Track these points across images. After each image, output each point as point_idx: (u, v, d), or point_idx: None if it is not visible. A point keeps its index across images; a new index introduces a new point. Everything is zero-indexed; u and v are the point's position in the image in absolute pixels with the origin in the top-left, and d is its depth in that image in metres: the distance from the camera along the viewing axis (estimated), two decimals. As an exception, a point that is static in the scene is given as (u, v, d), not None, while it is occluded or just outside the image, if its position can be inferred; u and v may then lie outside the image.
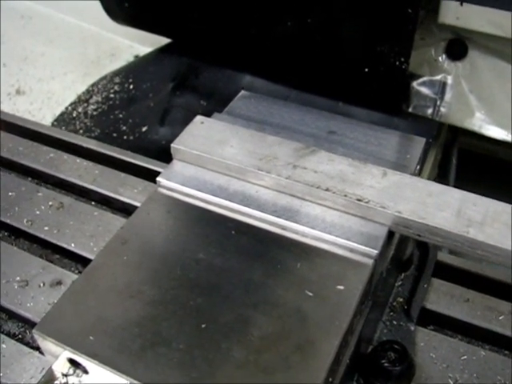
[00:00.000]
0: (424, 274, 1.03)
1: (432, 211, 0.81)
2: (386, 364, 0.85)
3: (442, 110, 1.60)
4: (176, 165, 0.93)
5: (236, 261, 0.79)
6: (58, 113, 1.91)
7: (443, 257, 1.08)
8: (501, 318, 0.98)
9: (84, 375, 0.74)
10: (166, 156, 0.98)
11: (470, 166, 1.87)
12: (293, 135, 0.95)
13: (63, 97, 2.15)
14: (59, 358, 0.73)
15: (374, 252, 0.79)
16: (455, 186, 1.66)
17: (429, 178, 1.60)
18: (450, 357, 0.94)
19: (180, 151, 0.92)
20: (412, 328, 0.96)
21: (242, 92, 1.07)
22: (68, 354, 0.72)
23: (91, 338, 0.71)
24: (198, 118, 0.96)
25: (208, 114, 1.01)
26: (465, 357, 0.94)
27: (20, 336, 0.98)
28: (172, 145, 0.93)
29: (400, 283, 1.04)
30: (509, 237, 0.77)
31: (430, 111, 1.61)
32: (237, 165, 0.88)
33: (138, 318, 0.73)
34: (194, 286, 0.76)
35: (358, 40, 1.47)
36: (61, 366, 0.74)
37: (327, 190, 0.83)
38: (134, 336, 0.71)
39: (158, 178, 0.90)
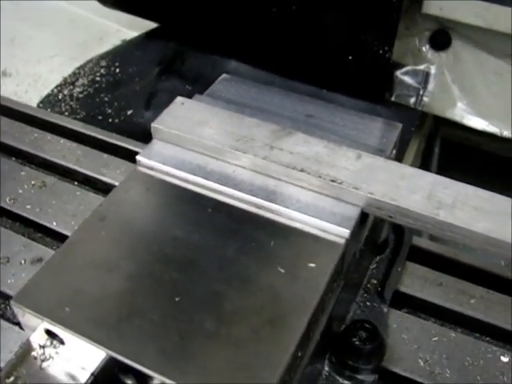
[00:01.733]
0: (398, 258, 1.05)
1: (404, 193, 0.82)
2: (356, 342, 0.87)
3: (425, 99, 1.61)
4: (156, 144, 0.94)
5: (211, 238, 0.81)
6: (44, 95, 1.91)
7: (418, 241, 1.10)
8: (472, 301, 1.01)
9: (61, 346, 0.76)
10: (150, 139, 0.99)
11: (452, 156, 1.89)
12: (271, 118, 0.97)
13: (50, 80, 2.15)
14: (37, 329, 0.75)
15: (346, 232, 0.81)
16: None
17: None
18: (422, 338, 0.96)
19: (160, 131, 0.94)
20: (385, 310, 0.98)
21: (224, 75, 1.08)
22: (45, 325, 0.73)
23: (68, 309, 0.73)
24: (179, 98, 0.98)
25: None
26: (436, 338, 0.96)
27: (1, 312, 1.00)
28: (152, 124, 0.94)
29: (375, 266, 1.06)
30: (477, 219, 0.79)
31: (412, 100, 1.62)
32: (215, 145, 0.89)
33: (115, 292, 0.75)
34: (169, 261, 0.78)
35: (342, 28, 1.49)
36: (38, 338, 0.75)
37: (302, 170, 0.85)
38: (110, 308, 0.73)
39: (137, 157, 0.92)
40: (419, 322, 0.99)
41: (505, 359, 0.93)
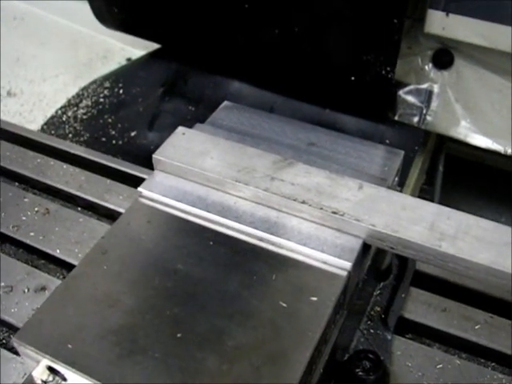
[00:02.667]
0: (402, 284, 1.05)
1: (405, 224, 0.82)
2: (360, 373, 0.87)
3: (428, 118, 1.61)
4: (157, 175, 0.94)
5: (213, 271, 0.81)
6: (49, 115, 1.92)
7: (422, 266, 1.09)
8: (477, 327, 1.00)
9: (63, 382, 0.75)
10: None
11: (457, 172, 1.89)
12: (273, 147, 0.97)
13: (54, 99, 2.16)
14: (39, 365, 0.75)
15: (348, 264, 0.81)
16: (442, 192, 1.68)
17: (416, 184, 1.62)
18: (426, 365, 0.95)
19: (161, 162, 0.94)
20: (389, 337, 0.98)
21: (225, 102, 1.09)
22: (47, 361, 0.73)
23: (70, 346, 0.73)
24: (180, 129, 0.98)
25: (196, 120, 1.03)
26: (440, 365, 0.95)
27: (4, 341, 0.99)
28: (153, 155, 0.94)
29: (378, 292, 1.05)
30: (479, 250, 0.79)
31: (416, 119, 1.62)
32: (216, 176, 0.90)
33: (116, 327, 0.75)
34: (171, 295, 0.78)
35: (344, 48, 1.49)
36: (40, 373, 0.75)
37: (303, 202, 0.85)
38: (112, 344, 0.73)
39: (139, 188, 0.92)
40: (423, 348, 0.98)
41: (511, 387, 0.93)
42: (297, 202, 0.85)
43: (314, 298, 0.77)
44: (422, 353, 0.97)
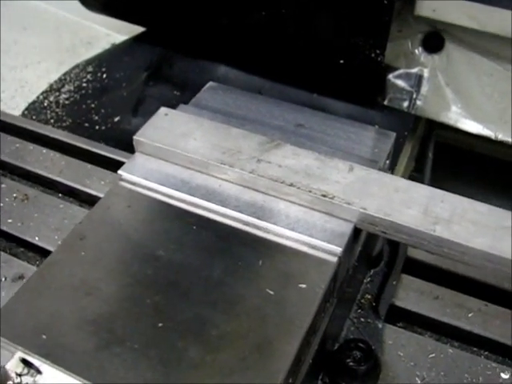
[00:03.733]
0: (393, 271, 1.02)
1: (398, 208, 0.79)
2: (351, 363, 0.84)
3: (418, 103, 1.58)
4: (138, 158, 0.90)
5: (196, 257, 0.77)
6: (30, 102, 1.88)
7: (413, 252, 1.06)
8: (470, 315, 0.97)
9: (38, 375, 0.72)
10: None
11: (446, 159, 1.86)
12: (259, 128, 0.93)
13: (37, 85, 2.11)
14: (13, 357, 0.71)
15: (338, 249, 0.77)
16: (431, 180, 1.66)
17: (405, 171, 1.59)
18: (418, 355, 0.92)
19: (142, 144, 0.90)
20: (380, 325, 0.95)
21: (210, 83, 1.05)
22: (20, 353, 0.69)
23: (44, 336, 0.69)
24: (162, 109, 0.94)
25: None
26: (433, 355, 0.92)
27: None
28: (134, 137, 0.90)
29: (369, 280, 1.02)
30: (475, 234, 0.76)
31: (405, 104, 1.59)
32: (200, 158, 0.86)
33: (94, 316, 0.71)
34: (151, 283, 0.74)
35: (333, 31, 1.45)
36: (14, 366, 0.72)
37: (291, 185, 0.81)
38: (89, 335, 0.69)
39: (119, 171, 0.88)
40: (415, 337, 0.95)
41: (505, 376, 0.90)
42: (284, 185, 0.82)
43: (303, 285, 0.74)
44: (414, 342, 0.94)
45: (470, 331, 0.96)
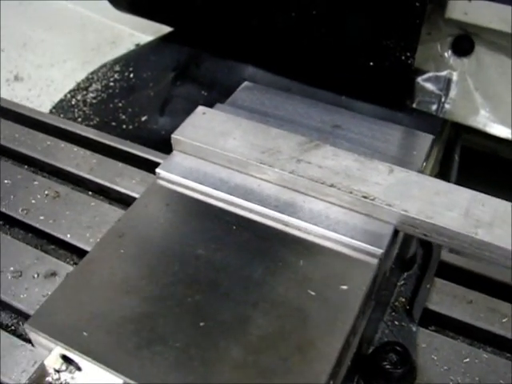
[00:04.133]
0: (427, 274, 1.01)
1: (440, 210, 0.78)
2: (387, 366, 0.83)
3: (447, 106, 1.58)
4: (176, 156, 0.90)
5: (236, 257, 0.77)
6: (56, 100, 1.88)
7: (447, 256, 1.05)
8: (504, 320, 0.96)
9: (77, 372, 0.72)
10: (164, 146, 0.96)
11: (471, 163, 1.85)
12: (297, 128, 0.93)
13: (62, 84, 2.12)
14: (52, 353, 0.71)
15: (379, 251, 0.76)
16: (456, 184, 1.65)
17: (430, 175, 1.58)
18: (452, 359, 0.91)
19: (181, 142, 0.90)
20: (414, 329, 0.94)
21: (246, 83, 1.04)
22: (60, 349, 0.69)
23: (85, 334, 0.69)
24: (200, 108, 0.94)
25: (209, 105, 0.99)
26: (467, 359, 0.91)
27: (13, 327, 0.96)
28: (172, 135, 0.90)
29: (402, 282, 1.01)
30: (517, 239, 0.75)
31: (434, 107, 1.59)
32: (239, 157, 0.85)
33: (134, 315, 0.71)
34: (192, 282, 0.74)
35: (364, 33, 1.45)
36: (53, 362, 0.71)
37: (332, 185, 0.81)
38: (130, 333, 0.69)
39: (157, 170, 0.88)
40: (448, 341, 0.94)
41: (539, 381, 0.89)
42: (325, 186, 0.81)
43: (344, 287, 0.73)
44: (447, 346, 0.93)
45: (504, 336, 0.95)
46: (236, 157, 0.86)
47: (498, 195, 0.83)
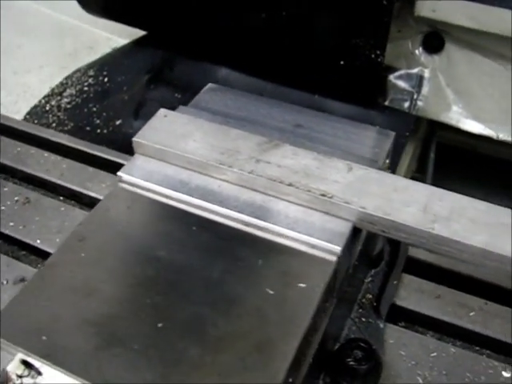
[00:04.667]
0: (394, 270, 1.02)
1: (398, 207, 0.79)
2: (351, 362, 0.83)
3: (419, 103, 1.58)
4: (138, 159, 0.90)
5: (196, 258, 0.77)
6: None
7: (414, 252, 1.06)
8: (471, 314, 0.97)
9: (39, 376, 0.72)
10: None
11: (448, 160, 1.86)
12: (258, 129, 0.93)
13: (39, 90, 2.10)
14: (14, 358, 0.71)
15: (338, 249, 0.77)
16: (433, 180, 1.66)
17: (407, 172, 1.59)
18: (420, 354, 0.92)
19: (142, 145, 0.90)
20: (381, 325, 0.95)
21: (209, 85, 1.05)
22: (21, 355, 0.69)
23: (44, 338, 0.69)
24: (161, 111, 0.94)
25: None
26: (434, 354, 0.92)
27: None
28: (134, 139, 0.91)
29: (370, 279, 1.02)
30: (474, 232, 0.76)
31: (406, 105, 1.59)
32: (199, 159, 0.86)
33: (94, 317, 0.71)
34: (152, 283, 0.74)
35: (333, 32, 1.45)
36: (15, 367, 0.71)
37: (290, 184, 0.81)
38: (89, 336, 0.69)
39: (118, 173, 0.88)
40: (416, 336, 0.95)
41: (507, 374, 0.90)
42: (283, 185, 0.82)
43: (303, 285, 0.74)
44: (415, 341, 0.94)
45: (472, 330, 0.95)
46: (196, 158, 0.86)
47: (474, 191, 0.83)
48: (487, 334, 0.95)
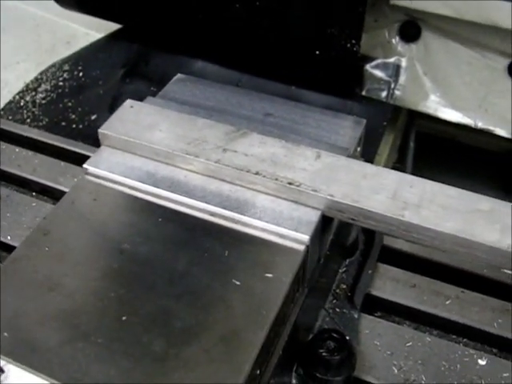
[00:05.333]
0: (369, 260, 1.01)
1: (366, 194, 0.78)
2: (324, 353, 0.82)
3: (397, 92, 1.58)
4: (104, 151, 0.89)
5: (161, 249, 0.76)
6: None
7: (389, 241, 1.05)
8: (447, 302, 0.96)
9: (1, 374, 0.70)
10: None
11: (428, 149, 1.86)
12: (227, 118, 0.92)
13: (16, 86, 2.08)
14: (-24, 356, 0.69)
15: (306, 237, 0.76)
16: (413, 169, 1.65)
17: (387, 163, 1.59)
18: (395, 344, 0.91)
19: (108, 136, 0.88)
20: (356, 315, 0.94)
21: (178, 75, 1.04)
22: (-19, 352, 0.68)
23: (6, 334, 0.67)
24: (128, 102, 0.93)
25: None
26: (410, 343, 0.92)
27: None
28: (99, 130, 0.89)
29: (344, 269, 1.01)
30: (445, 219, 0.75)
31: (384, 94, 1.58)
32: (165, 149, 0.84)
33: (57, 312, 0.70)
34: (116, 276, 0.73)
35: (308, 22, 1.44)
36: (-23, 365, 0.70)
37: (257, 173, 0.80)
38: (52, 331, 0.68)
39: (84, 165, 0.86)
40: (392, 326, 0.94)
41: (482, 362, 0.89)
42: (250, 174, 0.80)
43: (270, 275, 0.72)
44: (390, 331, 0.93)
45: (448, 318, 0.95)
46: (162, 149, 0.85)
47: (454, 180, 0.83)
48: (463, 322, 0.94)
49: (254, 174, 0.80)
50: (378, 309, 0.98)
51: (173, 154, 0.84)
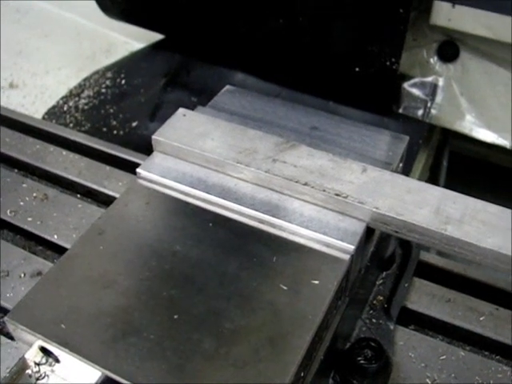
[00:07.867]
0: (405, 273, 1.03)
1: (410, 208, 0.80)
2: (362, 361, 0.85)
3: (433, 111, 1.59)
4: (156, 156, 0.92)
5: (212, 253, 0.79)
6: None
7: (426, 256, 1.07)
8: (481, 318, 0.98)
9: (56, 364, 0.74)
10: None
11: (461, 169, 1.87)
12: (275, 130, 0.95)
13: (57, 91, 2.14)
14: (32, 346, 0.73)
15: (351, 247, 0.78)
16: (445, 188, 1.66)
17: (419, 180, 1.60)
18: (429, 356, 0.93)
19: (161, 143, 0.92)
20: (391, 327, 0.96)
21: (227, 86, 1.07)
22: (40, 342, 0.71)
23: (63, 326, 0.71)
24: (181, 110, 0.96)
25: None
26: (444, 357, 0.93)
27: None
28: (153, 136, 0.92)
29: (381, 282, 1.03)
30: (486, 235, 0.77)
31: (420, 112, 1.60)
32: (216, 157, 0.87)
33: (111, 308, 0.73)
34: (168, 277, 0.76)
35: (349, 39, 1.47)
36: (33, 355, 0.73)
37: (306, 184, 0.83)
38: (106, 325, 0.71)
39: (137, 169, 0.90)
40: (426, 339, 0.96)
41: (516, 379, 0.90)
42: (299, 184, 0.83)
43: (316, 282, 0.75)
44: (425, 344, 0.95)
45: (482, 334, 0.96)
46: (213, 157, 0.88)
47: (486, 200, 0.84)
48: (497, 338, 0.96)
49: (302, 185, 0.83)
50: (413, 322, 1.00)
51: (224, 162, 0.87)
